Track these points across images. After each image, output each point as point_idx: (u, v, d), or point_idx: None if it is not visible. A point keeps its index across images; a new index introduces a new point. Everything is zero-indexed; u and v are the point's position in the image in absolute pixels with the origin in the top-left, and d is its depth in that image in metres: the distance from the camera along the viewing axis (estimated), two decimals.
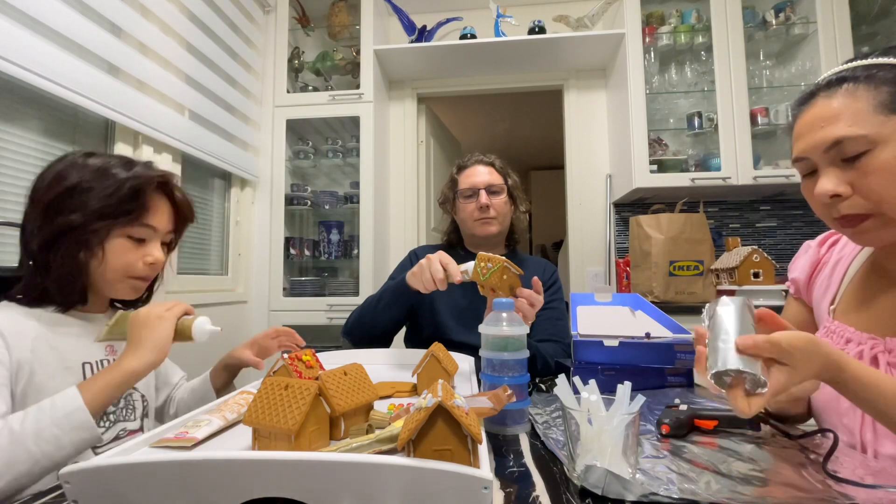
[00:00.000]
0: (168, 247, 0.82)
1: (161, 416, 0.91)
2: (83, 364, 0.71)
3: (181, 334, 0.72)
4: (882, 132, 0.52)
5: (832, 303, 0.70)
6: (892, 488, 0.44)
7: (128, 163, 0.75)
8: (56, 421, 0.57)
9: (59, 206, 0.69)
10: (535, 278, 0.88)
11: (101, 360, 0.74)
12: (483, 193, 1.19)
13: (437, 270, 0.86)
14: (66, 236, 0.68)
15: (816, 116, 0.57)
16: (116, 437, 0.73)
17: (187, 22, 1.65)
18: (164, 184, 0.76)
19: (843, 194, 0.55)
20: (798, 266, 0.78)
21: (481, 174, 1.23)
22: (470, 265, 0.85)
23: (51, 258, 0.68)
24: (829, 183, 0.56)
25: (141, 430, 0.78)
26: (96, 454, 0.68)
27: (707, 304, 0.55)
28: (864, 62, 0.56)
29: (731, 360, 0.47)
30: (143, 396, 0.81)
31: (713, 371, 0.48)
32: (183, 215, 0.81)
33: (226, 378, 0.92)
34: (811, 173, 0.60)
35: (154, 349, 0.67)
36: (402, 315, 1.09)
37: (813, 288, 0.75)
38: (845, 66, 0.57)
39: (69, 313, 0.73)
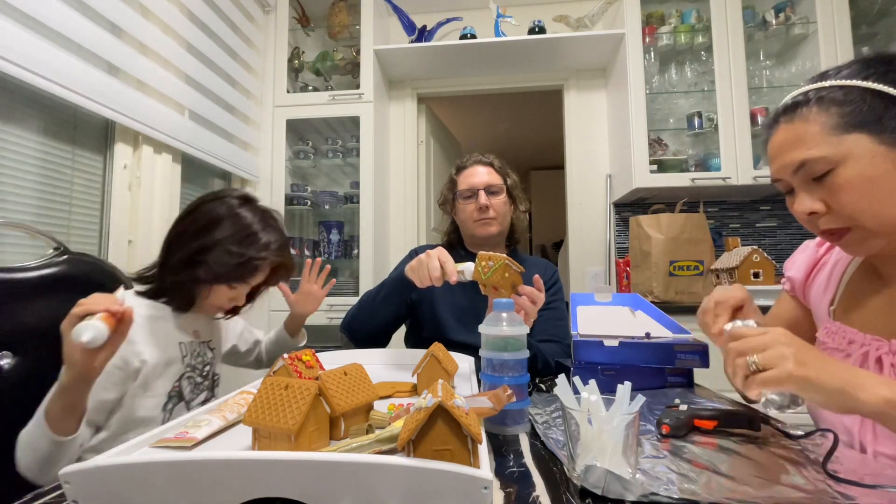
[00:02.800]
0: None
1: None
2: (179, 343, 0.86)
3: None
4: (839, 151, 0.54)
5: (831, 303, 0.70)
6: (892, 488, 0.44)
7: (266, 225, 0.88)
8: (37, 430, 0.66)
9: (200, 246, 0.82)
10: (537, 276, 0.88)
11: (191, 342, 0.89)
12: (482, 194, 1.19)
13: (435, 268, 0.86)
14: (190, 267, 0.82)
15: (780, 141, 0.60)
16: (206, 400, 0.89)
17: (187, 22, 1.65)
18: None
19: (819, 211, 0.57)
20: (795, 265, 0.78)
21: (480, 174, 1.22)
22: (467, 266, 0.85)
23: (179, 273, 0.82)
24: (804, 202, 0.58)
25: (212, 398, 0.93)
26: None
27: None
28: (815, 85, 0.58)
29: None
30: (214, 374, 0.95)
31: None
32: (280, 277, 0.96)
33: (291, 323, 1.13)
34: (791, 191, 0.62)
35: (67, 362, 0.62)
36: (400, 309, 1.09)
37: (811, 288, 0.75)
38: (799, 91, 0.59)
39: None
